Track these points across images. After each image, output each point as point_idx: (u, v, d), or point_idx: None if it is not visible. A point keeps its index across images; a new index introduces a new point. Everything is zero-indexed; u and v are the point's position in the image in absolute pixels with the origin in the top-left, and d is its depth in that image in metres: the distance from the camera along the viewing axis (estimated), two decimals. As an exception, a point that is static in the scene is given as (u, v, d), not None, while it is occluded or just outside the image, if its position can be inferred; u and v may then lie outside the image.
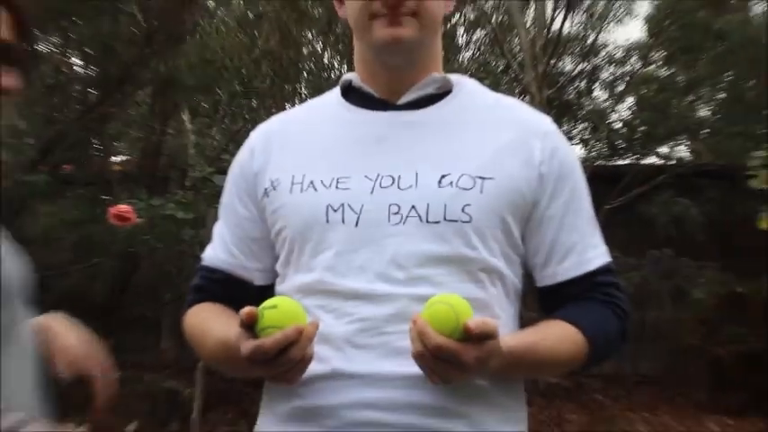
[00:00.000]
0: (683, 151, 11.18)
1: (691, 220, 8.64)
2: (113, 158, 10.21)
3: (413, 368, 1.30)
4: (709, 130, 10.73)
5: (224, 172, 1.73)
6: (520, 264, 1.53)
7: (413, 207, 1.42)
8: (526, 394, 1.54)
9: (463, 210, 1.42)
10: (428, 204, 1.42)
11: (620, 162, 10.71)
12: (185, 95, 8.12)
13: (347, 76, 1.62)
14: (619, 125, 10.94)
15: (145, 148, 9.13)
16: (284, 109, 2.10)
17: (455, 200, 1.42)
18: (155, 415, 6.28)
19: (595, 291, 1.52)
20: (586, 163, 9.01)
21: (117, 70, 7.52)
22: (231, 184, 1.65)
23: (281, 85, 9.14)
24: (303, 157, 1.54)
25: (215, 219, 1.69)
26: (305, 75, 9.78)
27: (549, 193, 1.50)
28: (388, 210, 1.43)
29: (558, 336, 1.46)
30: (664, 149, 11.06)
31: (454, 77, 1.60)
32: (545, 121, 1.58)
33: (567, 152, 1.56)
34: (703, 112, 11.05)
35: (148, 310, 8.03)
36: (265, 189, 1.56)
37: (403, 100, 1.55)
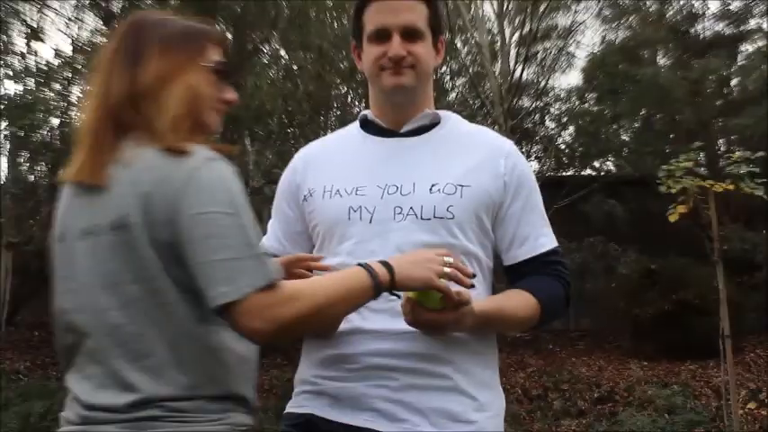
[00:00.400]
0: (610, 165, 11.16)
1: (617, 216, 8.70)
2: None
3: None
4: (628, 150, 10.71)
5: (275, 182, 1.73)
6: (491, 248, 1.53)
7: (411, 208, 1.43)
8: (497, 344, 1.54)
9: (448, 209, 1.43)
10: (422, 206, 1.43)
11: (565, 173, 10.68)
12: (246, 126, 8.14)
13: (364, 112, 1.62)
14: (563, 146, 10.93)
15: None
16: (318, 137, 2.09)
17: (442, 202, 1.43)
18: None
19: (546, 268, 1.52)
20: (539, 174, 9.00)
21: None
22: (280, 192, 1.65)
23: (317, 119, 9.15)
24: (331, 172, 1.54)
25: (268, 217, 1.69)
26: (334, 111, 9.79)
27: (510, 196, 1.50)
28: (393, 210, 1.44)
29: (518, 300, 1.46)
30: (596, 164, 11.04)
31: (441, 112, 1.60)
32: (508, 144, 1.58)
33: (524, 166, 1.55)
34: (624, 137, 11.02)
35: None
36: (304, 196, 1.56)
37: (404, 129, 1.55)
